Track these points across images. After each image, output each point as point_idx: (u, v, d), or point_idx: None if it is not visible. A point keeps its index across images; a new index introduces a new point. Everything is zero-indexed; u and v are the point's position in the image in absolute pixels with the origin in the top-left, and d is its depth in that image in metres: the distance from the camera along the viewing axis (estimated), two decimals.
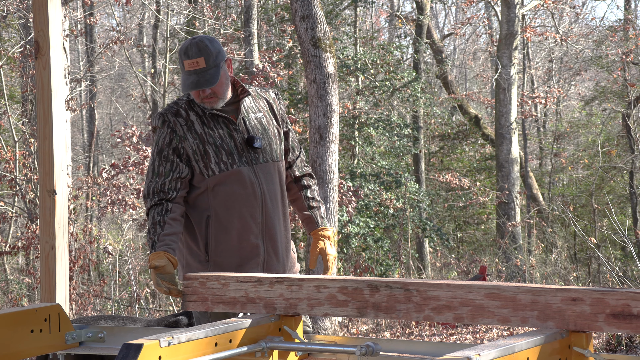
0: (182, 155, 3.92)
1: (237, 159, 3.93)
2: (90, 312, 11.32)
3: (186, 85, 3.86)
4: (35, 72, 4.34)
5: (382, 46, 17.44)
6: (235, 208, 3.93)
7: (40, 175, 4.30)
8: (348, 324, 10.81)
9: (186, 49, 3.87)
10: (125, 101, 26.27)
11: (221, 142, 3.93)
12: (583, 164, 20.22)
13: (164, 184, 3.90)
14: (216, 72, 3.85)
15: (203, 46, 3.85)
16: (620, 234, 8.50)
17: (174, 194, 3.91)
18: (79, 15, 16.57)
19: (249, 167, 3.94)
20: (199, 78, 3.84)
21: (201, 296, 3.71)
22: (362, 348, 3.26)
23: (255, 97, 4.07)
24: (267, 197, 3.95)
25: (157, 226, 3.86)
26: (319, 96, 8.54)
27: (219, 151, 3.92)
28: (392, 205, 15.30)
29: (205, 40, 3.88)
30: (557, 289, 3.06)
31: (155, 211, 3.89)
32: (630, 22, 18.52)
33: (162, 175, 3.91)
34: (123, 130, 13.01)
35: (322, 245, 4.10)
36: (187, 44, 3.89)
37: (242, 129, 3.96)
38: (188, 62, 3.85)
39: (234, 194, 3.93)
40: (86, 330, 3.90)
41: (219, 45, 3.91)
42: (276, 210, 3.99)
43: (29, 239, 11.61)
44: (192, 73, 3.85)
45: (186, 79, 3.86)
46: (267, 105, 4.08)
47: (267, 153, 3.98)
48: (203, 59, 3.83)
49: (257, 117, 4.02)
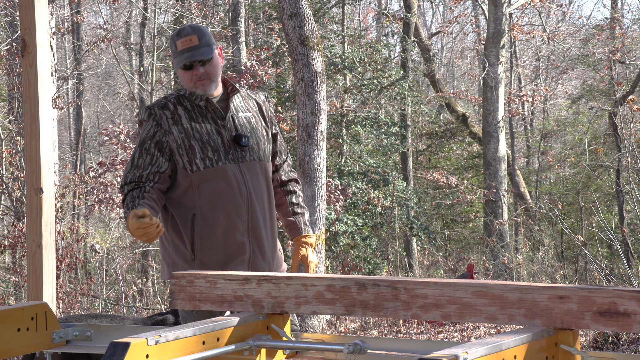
0: (164, 149, 3.89)
1: (223, 156, 3.90)
2: (77, 310, 11.29)
3: (180, 61, 3.85)
4: (21, 70, 4.33)
5: (369, 44, 17.46)
6: (221, 206, 3.91)
7: (27, 174, 4.29)
8: (336, 322, 10.82)
9: (179, 31, 3.90)
10: (112, 99, 26.21)
11: (208, 138, 3.90)
12: (570, 162, 20.28)
13: (142, 175, 3.87)
14: (210, 50, 3.86)
15: (196, 27, 3.89)
16: (606, 232, 8.54)
17: (151, 184, 3.87)
18: (66, 13, 16.51)
19: (234, 165, 3.91)
20: (192, 53, 3.84)
21: (189, 294, 3.71)
22: (349, 346, 3.26)
23: (245, 97, 4.06)
24: (252, 195, 3.93)
25: (136, 199, 3.81)
26: (306, 94, 8.54)
27: (204, 147, 3.89)
28: (380, 204, 15.32)
29: (198, 25, 3.93)
30: (544, 287, 3.06)
31: (132, 194, 3.84)
32: (616, 21, 18.59)
33: (141, 168, 3.88)
34: (110, 128, 12.98)
35: (304, 252, 4.10)
36: (182, 27, 3.93)
37: (230, 126, 3.94)
38: (181, 40, 3.86)
39: (220, 192, 3.91)
40: (73, 328, 3.89)
41: (210, 32, 3.95)
42: (262, 209, 3.97)
43: (15, 238, 11.57)
44: (185, 51, 3.85)
45: (179, 57, 3.87)
46: (256, 106, 4.07)
47: (255, 152, 3.96)
48: (196, 36, 3.84)
49: (246, 117, 4.00)
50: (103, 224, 19.56)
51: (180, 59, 3.86)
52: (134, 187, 3.87)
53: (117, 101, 25.30)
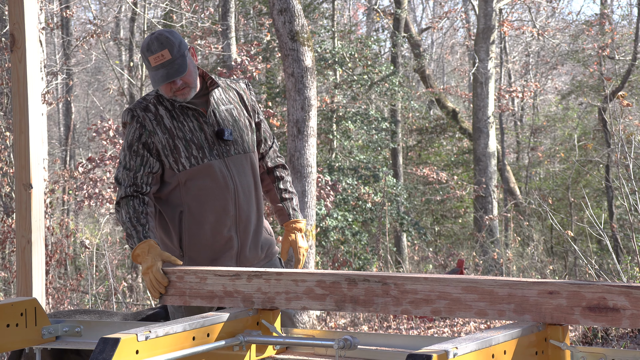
0: (152, 150, 3.87)
1: (207, 152, 3.88)
2: (67, 306, 11.27)
3: (156, 80, 3.78)
4: (10, 65, 4.31)
5: (360, 40, 17.45)
6: (208, 202, 3.90)
7: (16, 169, 4.27)
8: (326, 318, 10.82)
9: (148, 45, 3.79)
10: (102, 94, 26.14)
11: (191, 136, 3.88)
12: (559, 158, 20.33)
13: (136, 177, 3.86)
14: (183, 62, 3.78)
15: (164, 39, 3.78)
16: (596, 227, 8.56)
17: (147, 189, 3.87)
18: (55, 8, 16.46)
19: (220, 160, 3.90)
20: (167, 70, 3.77)
21: (178, 290, 3.70)
22: (340, 342, 3.26)
23: (225, 89, 4.03)
24: (239, 189, 3.91)
25: (141, 216, 3.81)
26: (296, 90, 8.53)
27: (189, 145, 3.87)
28: (370, 199, 15.33)
29: (165, 33, 3.82)
30: (534, 282, 3.07)
31: (134, 201, 3.83)
32: (606, 17, 18.62)
33: (133, 170, 3.87)
34: (100, 123, 12.95)
35: (293, 237, 4.08)
36: (147, 40, 3.81)
37: (212, 121, 3.92)
38: (153, 57, 3.77)
39: (206, 188, 3.89)
40: (63, 324, 3.88)
41: (179, 35, 3.85)
42: (249, 202, 3.95)
43: (4, 233, 11.54)
44: (159, 67, 3.77)
45: (154, 75, 3.79)
46: (237, 96, 4.04)
47: (239, 145, 3.94)
48: (167, 50, 3.76)
49: (228, 109, 3.97)
50: (92, 219, 19.53)
51: (156, 76, 3.79)
52: (133, 193, 3.85)
53: (107, 96, 25.23)
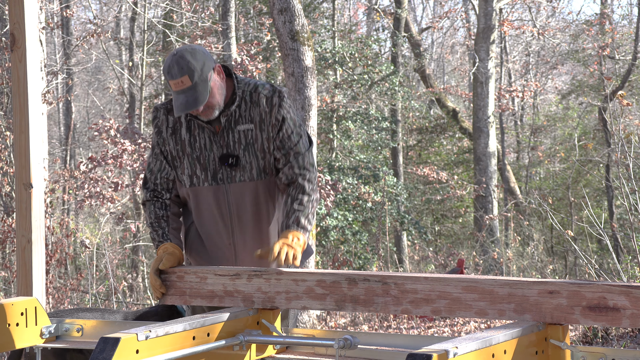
0: (167, 157, 3.84)
1: (210, 175, 3.77)
2: (67, 305, 11.27)
3: (176, 107, 3.61)
4: (11, 64, 4.31)
5: (360, 39, 17.45)
6: (205, 226, 3.87)
7: (16, 169, 4.28)
8: (326, 317, 10.83)
9: (168, 68, 3.62)
10: (102, 94, 26.14)
11: (199, 154, 3.77)
12: (560, 158, 20.33)
13: (156, 183, 3.86)
14: (204, 88, 3.60)
15: (185, 63, 3.58)
16: (596, 227, 8.55)
17: (167, 195, 3.86)
18: (55, 8, 16.46)
19: (220, 186, 3.77)
20: (187, 98, 3.59)
21: (179, 290, 3.71)
22: (340, 341, 3.27)
23: (253, 104, 3.75)
24: (235, 219, 3.80)
25: (162, 220, 3.82)
26: (297, 89, 8.54)
27: (194, 163, 3.78)
28: (370, 199, 15.33)
29: (187, 55, 3.61)
30: (534, 282, 3.07)
31: (155, 205, 3.85)
32: (606, 16, 18.62)
33: (154, 172, 3.87)
34: (101, 123, 12.95)
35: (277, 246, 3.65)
36: (169, 62, 3.62)
37: (222, 142, 3.75)
38: (173, 82, 3.60)
39: (203, 212, 3.85)
40: (63, 324, 3.88)
41: (203, 54, 3.63)
42: (246, 232, 3.82)
43: (5, 233, 11.54)
44: (179, 92, 3.60)
45: (176, 99, 3.62)
46: (260, 115, 3.75)
47: (246, 171, 3.76)
48: (187, 77, 3.58)
49: (245, 130, 3.74)
50: (93, 219, 19.53)
51: (176, 101, 3.62)
52: (153, 198, 3.86)
53: (107, 96, 25.23)
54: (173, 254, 3.75)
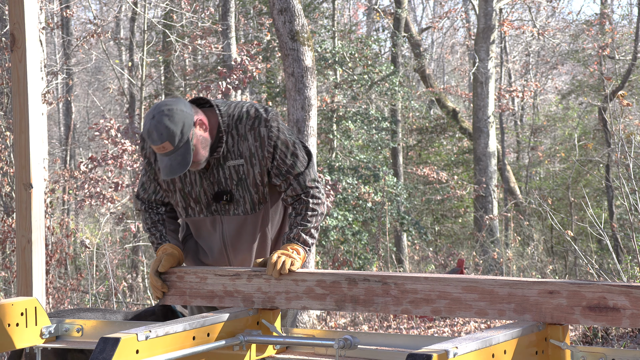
0: (161, 184, 3.85)
1: (204, 208, 3.77)
2: (67, 306, 11.27)
3: (163, 171, 3.58)
4: (11, 64, 4.30)
5: (360, 39, 17.45)
6: (200, 253, 3.89)
7: (16, 169, 4.28)
8: (326, 318, 10.82)
9: (148, 132, 3.53)
10: (102, 94, 26.14)
11: (190, 189, 3.75)
12: (560, 158, 20.33)
13: (151, 200, 3.89)
14: (187, 150, 3.53)
15: (163, 129, 3.49)
16: (596, 227, 8.55)
17: (163, 209, 3.89)
18: (55, 8, 16.46)
19: (215, 217, 3.77)
20: (171, 162, 3.54)
21: (179, 290, 3.71)
22: (340, 341, 3.27)
23: (241, 137, 3.69)
24: (230, 250, 3.81)
25: (158, 224, 3.85)
26: (297, 89, 8.53)
27: (187, 198, 3.78)
28: (370, 199, 15.33)
29: (165, 120, 3.51)
30: (534, 282, 3.07)
31: (150, 213, 3.87)
32: (606, 16, 18.62)
33: (147, 192, 3.89)
34: (101, 123, 12.95)
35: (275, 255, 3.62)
36: (148, 126, 3.53)
37: (213, 179, 3.73)
38: (155, 147, 3.55)
39: (202, 238, 3.87)
40: (63, 324, 3.89)
41: (181, 113, 3.53)
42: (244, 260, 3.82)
43: (5, 233, 11.54)
44: (163, 155, 3.56)
45: (160, 161, 3.59)
46: (249, 150, 3.69)
47: (240, 206, 3.74)
48: (168, 142, 3.50)
49: (235, 166, 3.70)
50: (93, 219, 19.53)
51: (161, 163, 3.59)
52: (149, 208, 3.89)
53: (107, 96, 25.24)
54: (172, 255, 3.76)
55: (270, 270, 3.54)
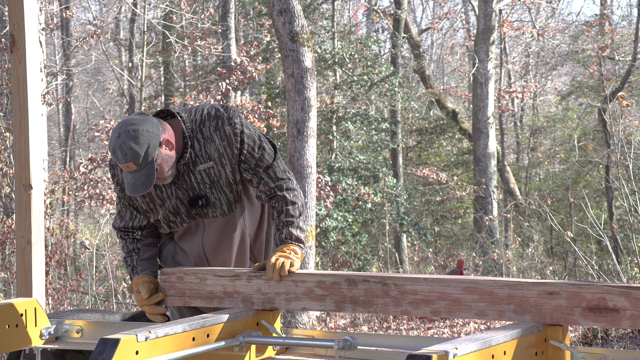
0: (137, 209, 3.85)
1: (185, 217, 3.79)
2: (67, 307, 11.27)
3: (127, 187, 3.61)
4: (10, 65, 4.31)
5: (359, 40, 17.46)
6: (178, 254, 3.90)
7: (16, 170, 4.28)
8: (326, 318, 10.82)
9: (113, 150, 3.56)
10: (102, 95, 26.15)
11: (168, 204, 3.77)
12: (559, 159, 20.33)
13: (127, 227, 3.88)
14: (151, 170, 3.55)
15: (127, 149, 3.51)
16: (596, 228, 8.56)
17: (139, 233, 3.89)
18: (55, 9, 16.47)
19: (198, 220, 3.80)
20: (134, 180, 3.57)
21: (179, 291, 3.71)
22: (339, 342, 3.27)
23: (207, 140, 3.71)
24: (209, 252, 3.81)
25: (133, 253, 3.86)
26: (296, 90, 8.54)
27: (166, 214, 3.78)
28: (370, 200, 15.33)
29: (129, 142, 3.52)
30: (534, 283, 3.07)
31: (126, 241, 3.89)
32: (606, 17, 18.63)
33: (124, 219, 3.88)
34: (101, 123, 12.95)
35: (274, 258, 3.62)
36: (112, 144, 3.56)
37: (186, 186, 3.75)
38: (119, 164, 3.58)
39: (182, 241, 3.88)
40: (63, 325, 3.89)
41: (146, 135, 3.55)
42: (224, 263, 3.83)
43: (4, 234, 11.54)
44: (127, 173, 3.58)
45: (125, 177, 3.61)
46: (219, 148, 3.71)
47: (217, 207, 3.76)
48: (132, 162, 3.53)
49: (206, 169, 3.72)
50: (93, 220, 19.53)
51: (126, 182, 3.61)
52: (126, 235, 3.90)
53: (107, 97, 25.24)
54: (145, 281, 3.78)
55: (270, 274, 3.53)
